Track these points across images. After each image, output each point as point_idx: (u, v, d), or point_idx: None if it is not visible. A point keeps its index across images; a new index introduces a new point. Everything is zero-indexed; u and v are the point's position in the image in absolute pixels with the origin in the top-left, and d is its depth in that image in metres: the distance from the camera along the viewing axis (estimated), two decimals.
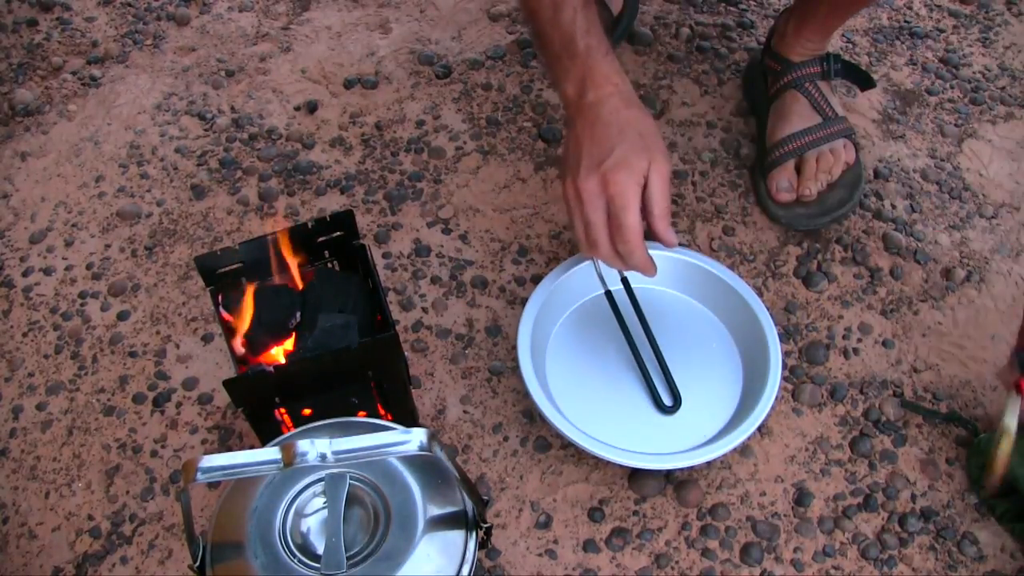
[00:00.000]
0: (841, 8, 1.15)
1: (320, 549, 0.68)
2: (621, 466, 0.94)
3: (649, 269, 0.89)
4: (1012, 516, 0.92)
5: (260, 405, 0.85)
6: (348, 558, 0.68)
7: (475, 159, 1.24)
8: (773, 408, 0.95)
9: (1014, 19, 1.46)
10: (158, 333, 1.08)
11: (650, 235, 0.88)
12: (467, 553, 0.70)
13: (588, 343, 1.02)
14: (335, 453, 0.60)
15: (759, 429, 0.98)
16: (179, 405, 1.02)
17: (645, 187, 0.86)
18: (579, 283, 1.04)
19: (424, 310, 1.10)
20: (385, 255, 1.14)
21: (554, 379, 1.00)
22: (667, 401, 0.97)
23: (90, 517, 0.95)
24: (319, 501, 0.71)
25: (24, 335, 1.09)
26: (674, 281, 1.05)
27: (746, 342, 1.01)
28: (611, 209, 0.85)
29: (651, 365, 0.99)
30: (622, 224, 0.85)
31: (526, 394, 0.95)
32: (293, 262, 0.88)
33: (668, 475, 0.96)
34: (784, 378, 1.03)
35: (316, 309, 0.86)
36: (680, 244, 1.12)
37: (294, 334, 0.86)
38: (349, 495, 0.70)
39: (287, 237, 0.87)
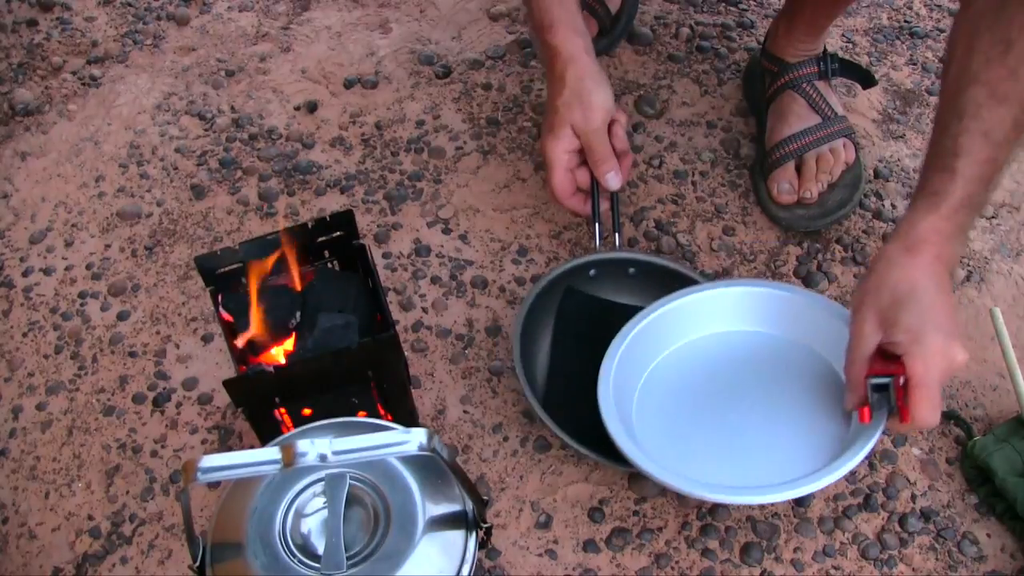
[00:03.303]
0: (825, 8, 1.15)
1: (320, 549, 0.68)
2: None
3: None
4: (1012, 514, 0.92)
5: (260, 405, 0.85)
6: (348, 558, 0.67)
7: (475, 159, 1.24)
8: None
9: None
10: (158, 333, 1.08)
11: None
12: (467, 553, 0.70)
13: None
14: (335, 453, 0.60)
15: None
16: (179, 405, 1.02)
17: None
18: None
19: (424, 310, 1.10)
20: (385, 255, 1.14)
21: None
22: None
23: (90, 517, 0.95)
24: (319, 501, 0.71)
25: (24, 335, 1.09)
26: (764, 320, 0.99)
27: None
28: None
29: None
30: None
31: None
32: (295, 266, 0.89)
33: None
34: None
35: (316, 309, 0.86)
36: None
37: (294, 334, 0.86)
38: (349, 495, 0.70)
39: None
